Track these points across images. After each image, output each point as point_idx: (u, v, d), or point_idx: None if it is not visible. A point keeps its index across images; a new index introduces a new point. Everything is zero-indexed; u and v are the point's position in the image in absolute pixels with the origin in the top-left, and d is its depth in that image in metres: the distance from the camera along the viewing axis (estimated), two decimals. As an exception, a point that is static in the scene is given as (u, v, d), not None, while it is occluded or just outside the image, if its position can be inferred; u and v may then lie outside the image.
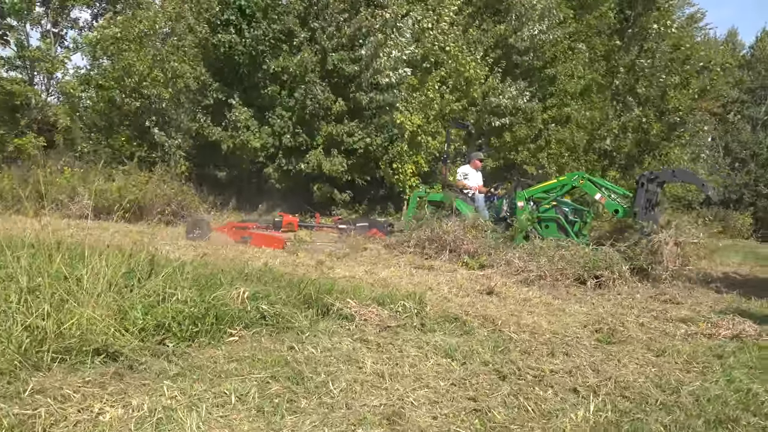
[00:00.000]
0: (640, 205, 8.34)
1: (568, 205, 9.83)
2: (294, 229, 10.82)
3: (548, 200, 9.49)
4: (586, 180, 9.28)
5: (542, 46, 17.17)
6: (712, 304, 6.77)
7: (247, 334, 3.82)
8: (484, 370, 3.51)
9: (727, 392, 3.36)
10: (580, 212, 9.74)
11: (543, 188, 9.71)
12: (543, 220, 9.44)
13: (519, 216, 9.39)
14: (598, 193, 9.08)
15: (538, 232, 9.30)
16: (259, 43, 14.03)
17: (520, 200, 9.55)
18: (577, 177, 9.45)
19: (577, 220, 9.53)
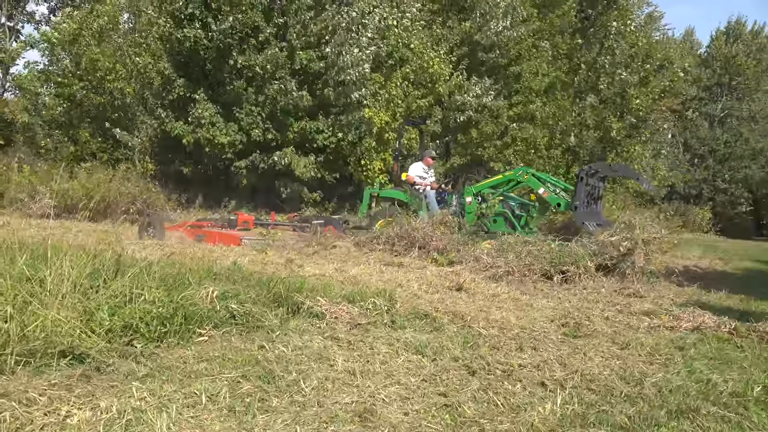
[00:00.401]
0: (580, 199, 8.67)
1: (515, 199, 10.19)
2: (250, 227, 10.80)
3: (495, 195, 9.80)
4: (530, 175, 9.63)
5: (507, 44, 17.38)
6: (674, 297, 6.96)
7: (216, 334, 3.79)
8: (454, 366, 3.55)
9: (688, 383, 3.46)
10: (526, 206, 10.06)
11: (490, 183, 10.05)
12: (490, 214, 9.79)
13: (468, 211, 9.74)
14: (542, 188, 9.41)
15: (486, 226, 9.64)
16: (225, 37, 13.84)
17: (468, 195, 9.86)
18: (521, 172, 9.78)
19: (524, 215, 9.84)
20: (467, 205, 9.83)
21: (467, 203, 9.84)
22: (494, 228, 9.59)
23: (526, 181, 9.62)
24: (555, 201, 9.23)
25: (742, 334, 4.86)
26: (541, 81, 18.48)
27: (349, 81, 14.09)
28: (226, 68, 14.13)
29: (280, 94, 13.63)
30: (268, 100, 13.83)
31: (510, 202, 9.98)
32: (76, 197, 12.08)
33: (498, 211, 9.72)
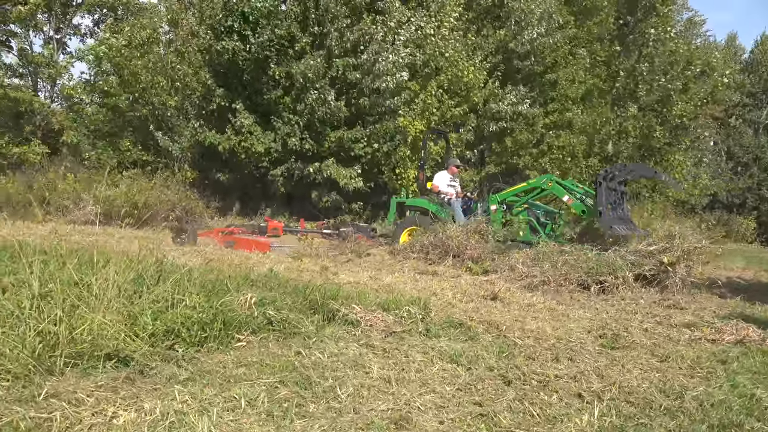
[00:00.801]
0: (602, 204, 8.50)
1: (540, 207, 10.10)
2: (279, 234, 10.96)
3: (519, 203, 9.76)
4: (554, 182, 9.52)
5: (542, 51, 17.25)
6: (716, 309, 6.78)
7: (254, 340, 3.87)
8: (489, 375, 3.55)
9: (731, 397, 3.38)
10: (551, 214, 9.97)
11: (514, 191, 9.95)
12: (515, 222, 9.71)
13: (493, 219, 9.68)
14: (566, 195, 9.30)
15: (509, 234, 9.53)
16: (263, 48, 14.12)
17: (492, 204, 9.80)
18: (545, 180, 9.67)
19: (549, 222, 9.74)
20: (492, 213, 9.77)
21: (492, 211, 9.78)
22: (519, 237, 9.49)
23: (549, 189, 9.48)
24: (579, 208, 9.12)
25: (789, 348, 4.71)
26: (578, 88, 18.27)
27: (384, 89, 14.18)
28: (264, 78, 14.40)
29: (317, 104, 13.79)
30: (306, 109, 14.01)
31: (535, 210, 9.91)
32: (118, 204, 12.44)
33: (523, 218, 9.67)
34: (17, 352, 2.90)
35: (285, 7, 14.64)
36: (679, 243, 7.86)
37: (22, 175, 15.20)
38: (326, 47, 14.27)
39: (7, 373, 2.79)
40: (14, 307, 3.24)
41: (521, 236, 9.50)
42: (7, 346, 2.91)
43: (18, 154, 17.57)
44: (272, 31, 13.99)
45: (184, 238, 9.91)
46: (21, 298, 3.34)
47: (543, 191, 9.65)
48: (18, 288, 3.49)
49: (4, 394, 2.63)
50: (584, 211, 9.03)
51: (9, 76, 19.90)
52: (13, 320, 3.13)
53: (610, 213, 8.58)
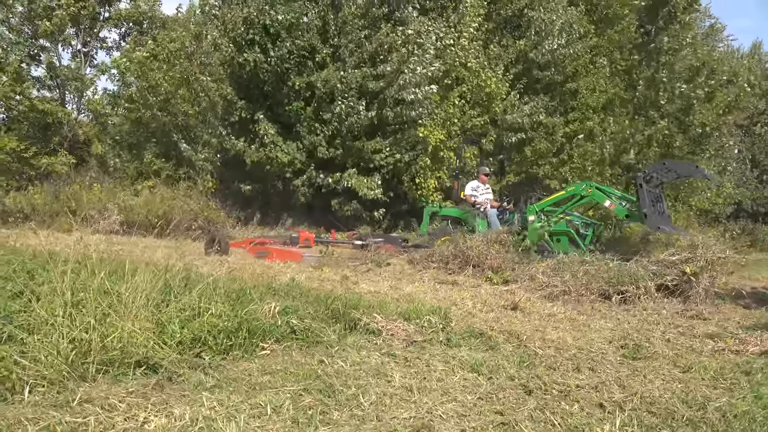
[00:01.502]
0: (647, 206, 8.38)
1: (578, 218, 9.90)
2: (311, 245, 11.03)
3: (558, 213, 9.54)
4: (594, 188, 9.33)
5: (563, 61, 17.22)
6: (740, 319, 6.71)
7: (278, 348, 3.94)
8: (510, 385, 3.57)
9: (754, 408, 3.36)
10: (590, 225, 9.77)
11: (553, 200, 9.75)
12: (554, 233, 9.46)
13: (531, 230, 9.41)
14: (608, 201, 9.14)
15: (549, 246, 9.33)
16: (284, 61, 14.31)
17: (531, 214, 9.56)
18: (585, 186, 9.47)
19: (588, 234, 9.53)
20: (530, 224, 9.50)
21: (530, 222, 9.52)
22: (557, 248, 9.25)
23: (590, 195, 9.27)
24: (622, 213, 8.98)
25: (814, 360, 4.65)
26: (599, 97, 18.20)
27: (409, 100, 14.26)
28: (285, 89, 14.58)
29: (347, 114, 13.92)
30: (334, 118, 14.15)
31: (574, 221, 9.68)
32: (142, 214, 12.67)
33: (562, 229, 9.45)
34: (51, 358, 3.01)
35: (306, 19, 14.84)
36: (702, 253, 7.77)
37: (50, 185, 15.55)
38: (343, 59, 14.42)
39: (43, 379, 2.90)
40: (48, 315, 3.35)
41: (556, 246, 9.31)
42: (42, 353, 3.02)
43: (46, 165, 17.97)
44: (293, 43, 14.18)
45: (216, 248, 10.06)
46: (54, 306, 3.45)
47: (582, 198, 9.43)
48: (51, 296, 3.61)
49: (40, 399, 2.74)
50: (628, 216, 8.90)
51: (38, 88, 20.41)
52: (48, 328, 3.24)
53: (654, 214, 8.47)
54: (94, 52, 22.23)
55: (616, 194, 9.59)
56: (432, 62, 14.25)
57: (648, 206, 8.39)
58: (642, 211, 8.44)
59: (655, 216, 8.44)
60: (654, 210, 8.46)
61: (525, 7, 17.57)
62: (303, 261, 9.36)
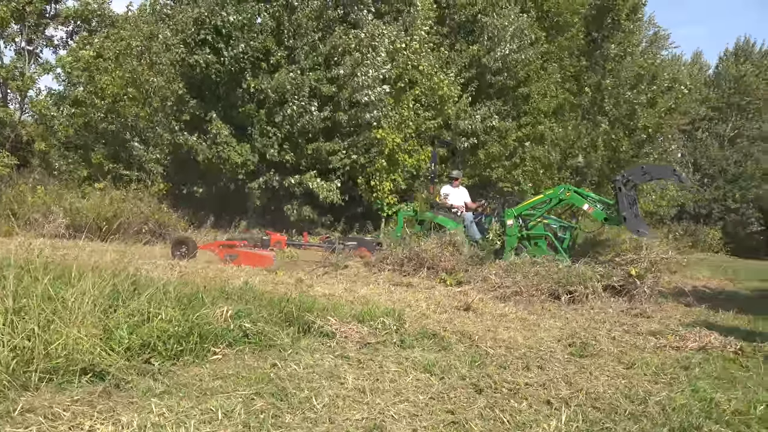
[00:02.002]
0: (626, 209, 8.40)
1: (556, 221, 9.85)
2: (282, 248, 10.82)
3: (536, 216, 9.47)
4: (572, 192, 9.31)
5: (515, 66, 17.58)
6: (681, 317, 7.01)
7: (230, 352, 3.90)
8: (461, 384, 3.64)
9: (691, 402, 3.53)
10: (567, 228, 9.72)
11: (531, 204, 9.65)
12: (532, 237, 9.43)
13: (510, 234, 9.35)
14: (586, 204, 9.09)
15: (527, 250, 9.31)
16: (237, 62, 14.12)
17: (509, 218, 9.44)
18: (563, 190, 9.43)
19: (566, 237, 9.50)
20: (508, 228, 9.37)
21: (508, 226, 9.38)
22: (535, 251, 9.17)
23: (568, 199, 9.24)
24: (601, 216, 8.94)
25: (748, 354, 4.92)
26: (549, 102, 18.65)
27: (363, 102, 14.28)
28: (239, 91, 14.40)
29: (298, 115, 13.81)
30: (285, 121, 14.02)
31: (552, 225, 9.62)
32: (89, 217, 12.29)
33: (540, 233, 9.40)
34: (-8, 367, 2.90)
35: (260, 20, 14.68)
36: (646, 254, 8.08)
37: (-10, 188, 14.92)
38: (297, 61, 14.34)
39: (-19, 389, 2.79)
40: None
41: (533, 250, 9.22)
42: (-20, 362, 2.91)
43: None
44: (247, 44, 14.01)
45: (183, 251, 9.81)
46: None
47: (561, 201, 9.42)
48: (-9, 303, 3.48)
49: (-22, 410, 2.64)
50: (606, 219, 8.88)
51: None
52: (-13, 336, 3.13)
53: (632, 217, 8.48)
54: (39, 50, 21.46)
55: (594, 197, 9.59)
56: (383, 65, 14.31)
57: (627, 209, 8.42)
58: (621, 214, 8.44)
59: (633, 219, 8.48)
60: (631, 213, 8.49)
61: (478, 13, 17.87)
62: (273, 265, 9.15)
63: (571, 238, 9.56)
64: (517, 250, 9.27)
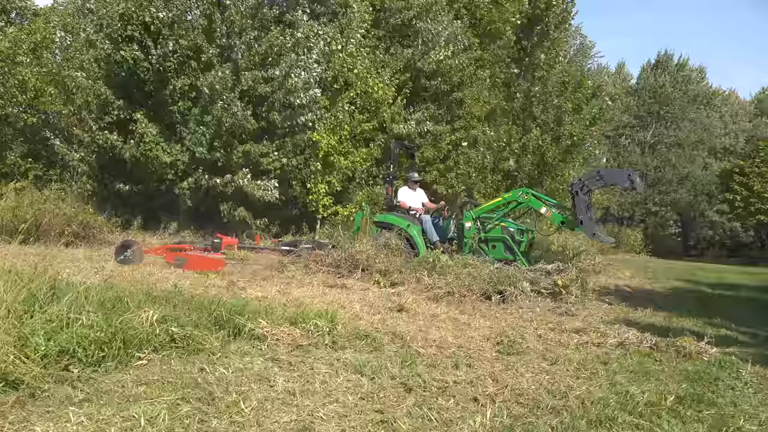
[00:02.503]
0: (582, 213, 8.57)
1: (513, 224, 9.78)
2: (234, 250, 10.42)
3: (494, 219, 9.45)
4: (530, 195, 9.40)
5: (449, 71, 17.90)
6: (603, 315, 7.33)
7: (156, 358, 3.80)
8: (391, 384, 3.68)
9: (609, 395, 3.71)
10: (525, 232, 9.70)
11: (489, 207, 9.67)
12: (490, 240, 9.42)
13: (467, 237, 9.35)
14: (544, 207, 9.18)
15: (485, 253, 9.32)
16: (166, 59, 13.70)
17: (468, 220, 9.46)
18: (521, 193, 9.53)
19: (524, 240, 9.48)
20: (467, 230, 9.39)
21: (467, 228, 9.41)
22: (493, 254, 9.24)
23: (526, 202, 9.34)
24: (558, 219, 9.06)
25: (662, 349, 5.20)
26: (482, 107, 19.10)
27: (297, 104, 14.16)
28: (168, 90, 13.98)
29: (225, 115, 13.51)
30: (213, 121, 13.69)
31: (510, 228, 9.52)
32: (6, 219, 11.62)
33: (497, 236, 9.37)
34: None
35: (190, 16, 14.29)
36: (575, 263, 8.48)
37: None
38: (233, 60, 14.06)
39: None
40: None
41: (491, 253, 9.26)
42: None
43: None
44: (176, 42, 13.63)
45: (128, 255, 9.36)
46: None
47: (519, 204, 9.50)
48: None
49: None
50: (563, 222, 9.00)
51: None
52: None
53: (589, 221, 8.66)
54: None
55: (552, 201, 9.69)
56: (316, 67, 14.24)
57: (584, 213, 8.58)
58: (578, 218, 8.60)
59: (589, 222, 8.65)
60: (587, 217, 8.64)
61: (413, 18, 18.09)
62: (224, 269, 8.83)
63: (528, 241, 9.61)
64: (475, 253, 9.28)
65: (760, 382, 4.48)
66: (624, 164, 37.26)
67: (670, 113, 38.58)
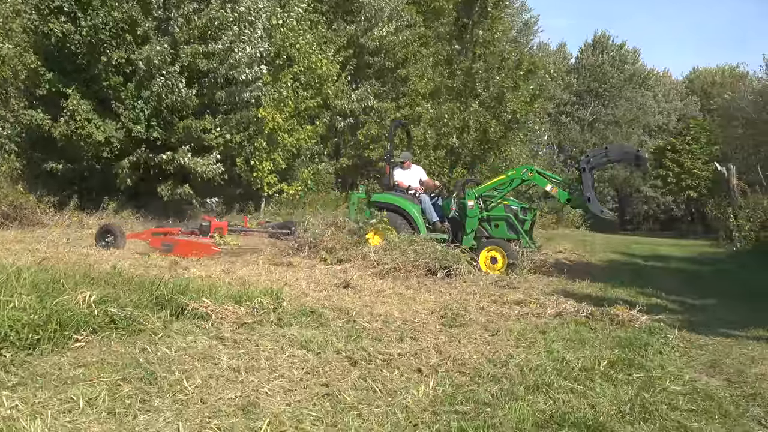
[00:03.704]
0: (590, 190, 8.39)
1: (517, 203, 9.56)
2: (223, 234, 9.78)
3: (497, 198, 9.18)
4: (535, 172, 9.17)
5: (393, 48, 17.86)
6: (543, 287, 7.60)
7: (95, 339, 3.70)
8: (336, 358, 3.72)
9: (546, 362, 3.87)
10: (529, 210, 9.52)
11: (493, 185, 9.41)
12: (492, 219, 9.17)
13: (470, 216, 9.06)
14: (549, 185, 8.98)
15: (487, 232, 9.17)
16: (98, 32, 13.04)
17: (470, 199, 9.09)
18: (525, 170, 9.22)
19: (527, 218, 9.31)
20: (469, 209, 9.04)
21: (469, 207, 9.04)
22: (496, 234, 9.08)
23: (531, 179, 9.10)
24: (564, 197, 8.86)
25: (597, 317, 5.45)
26: (427, 84, 19.17)
27: (241, 80, 13.80)
28: (102, 63, 13.35)
29: (165, 91, 13.02)
30: (152, 97, 13.19)
31: (513, 206, 9.27)
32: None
33: (500, 215, 9.14)
34: None
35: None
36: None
37: None
38: (171, 33, 13.55)
39: None
40: None
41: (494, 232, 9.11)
42: None
43: None
44: (108, 14, 12.99)
45: (110, 240, 8.89)
46: None
47: (523, 182, 9.25)
48: None
49: None
50: (569, 200, 8.85)
51: None
52: None
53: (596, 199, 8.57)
54: None
55: (557, 179, 9.47)
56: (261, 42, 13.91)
57: (591, 191, 8.41)
58: (585, 195, 8.40)
59: (596, 200, 8.52)
60: (593, 194, 8.50)
61: (356, -8, 17.91)
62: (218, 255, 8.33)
63: (531, 219, 9.42)
64: (478, 234, 9.13)
65: (685, 346, 4.77)
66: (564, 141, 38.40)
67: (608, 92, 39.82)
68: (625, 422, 2.92)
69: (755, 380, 3.83)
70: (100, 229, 9.32)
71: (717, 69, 44.60)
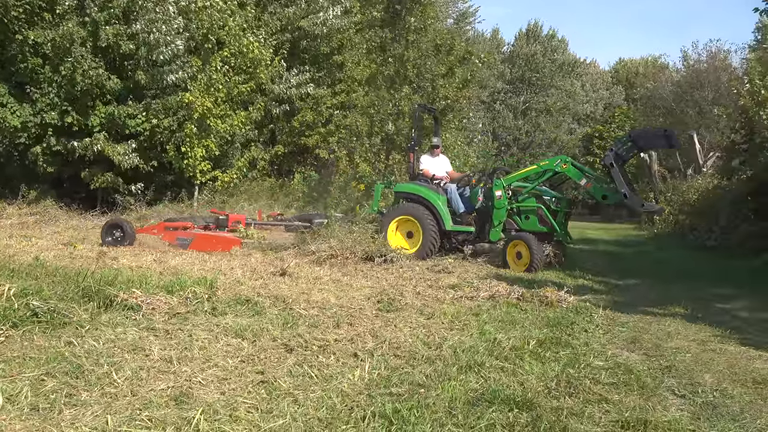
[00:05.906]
0: (623, 185, 7.86)
1: (549, 193, 8.88)
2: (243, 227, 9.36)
3: (528, 189, 8.67)
4: (570, 164, 8.58)
5: (330, 34, 17.67)
6: (477, 271, 7.79)
7: (15, 334, 3.54)
8: (272, 346, 3.70)
9: (478, 343, 3.99)
10: (561, 200, 8.90)
11: (522, 175, 9.00)
12: (522, 211, 8.72)
13: (498, 207, 8.61)
14: (584, 179, 8.48)
15: (517, 225, 8.72)
16: (10, 9, 12.26)
17: (498, 189, 8.63)
18: (559, 161, 8.66)
19: (559, 210, 8.72)
20: (497, 200, 8.58)
21: (497, 198, 8.58)
22: (526, 226, 8.57)
23: (564, 171, 8.51)
24: (600, 193, 8.34)
25: (527, 299, 5.65)
26: (362, 71, 19.10)
27: (162, 61, 13.29)
28: (17, 43, 12.58)
29: (78, 74, 12.35)
30: (64, 80, 12.50)
31: (544, 196, 8.71)
32: None
33: (531, 207, 8.63)
34: None
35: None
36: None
37: None
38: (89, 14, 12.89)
39: None
40: None
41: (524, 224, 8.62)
42: None
43: None
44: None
45: (118, 236, 8.28)
46: None
47: (555, 174, 8.71)
48: None
49: None
50: (605, 196, 8.30)
51: None
52: None
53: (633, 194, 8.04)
54: None
55: (592, 173, 8.99)
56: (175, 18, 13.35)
57: (625, 186, 7.88)
58: (621, 192, 7.88)
59: (633, 195, 8.04)
60: (629, 189, 7.95)
61: (292, -24, 17.57)
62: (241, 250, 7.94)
63: (564, 210, 8.86)
64: (506, 226, 8.73)
65: (608, 324, 5.02)
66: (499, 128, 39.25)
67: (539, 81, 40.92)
68: (552, 397, 3.05)
69: (671, 354, 4.08)
70: (107, 224, 8.66)
71: (641, 60, 46.55)
